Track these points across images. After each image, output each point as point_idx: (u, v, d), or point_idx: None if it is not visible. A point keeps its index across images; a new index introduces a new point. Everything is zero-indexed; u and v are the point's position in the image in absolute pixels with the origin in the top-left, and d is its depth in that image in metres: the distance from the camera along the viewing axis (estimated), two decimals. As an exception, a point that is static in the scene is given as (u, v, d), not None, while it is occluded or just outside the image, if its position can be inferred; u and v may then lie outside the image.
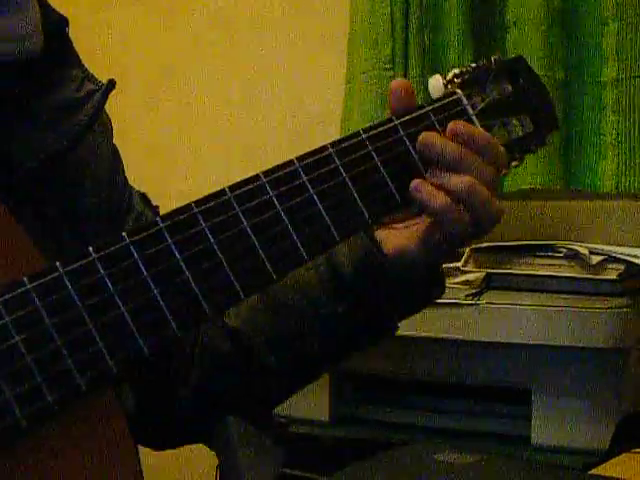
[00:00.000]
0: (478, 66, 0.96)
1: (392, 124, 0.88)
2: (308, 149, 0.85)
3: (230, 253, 0.76)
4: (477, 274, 1.54)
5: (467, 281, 1.53)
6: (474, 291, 1.52)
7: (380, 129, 0.87)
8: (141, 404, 0.93)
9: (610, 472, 1.32)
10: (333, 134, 1.86)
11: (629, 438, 1.46)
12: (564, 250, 1.54)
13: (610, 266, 1.50)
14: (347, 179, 0.83)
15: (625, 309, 1.46)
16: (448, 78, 0.95)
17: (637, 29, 1.64)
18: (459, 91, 0.93)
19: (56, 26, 0.92)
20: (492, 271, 1.54)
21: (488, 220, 0.89)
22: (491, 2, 1.77)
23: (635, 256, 1.51)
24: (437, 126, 0.90)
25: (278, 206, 0.79)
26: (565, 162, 1.70)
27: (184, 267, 0.74)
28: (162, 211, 0.84)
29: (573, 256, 1.52)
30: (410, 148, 0.88)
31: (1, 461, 0.68)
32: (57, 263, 0.71)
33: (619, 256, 1.51)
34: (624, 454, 1.42)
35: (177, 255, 0.74)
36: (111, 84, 0.93)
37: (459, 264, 1.56)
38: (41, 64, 0.88)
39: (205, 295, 0.75)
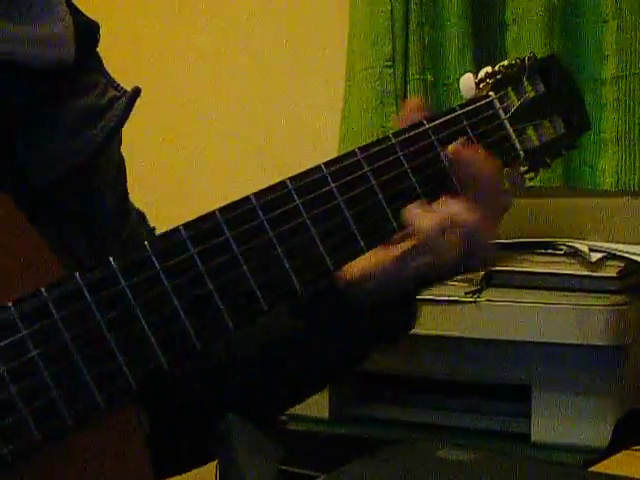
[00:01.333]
0: (511, 65, 0.92)
1: (423, 128, 0.84)
2: (308, 146, 0.84)
3: (254, 264, 0.73)
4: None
5: (467, 278, 1.53)
6: (474, 288, 1.52)
7: (411, 133, 0.83)
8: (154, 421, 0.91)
9: (610, 469, 1.32)
10: (334, 131, 1.86)
11: (629, 435, 1.46)
12: (564, 247, 1.54)
13: (610, 263, 1.50)
14: (376, 186, 0.80)
15: (625, 306, 1.46)
16: (480, 77, 0.91)
17: (636, 27, 1.64)
18: (492, 94, 0.89)
19: (85, 30, 0.89)
20: (492, 268, 1.54)
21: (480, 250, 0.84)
22: (491, -1, 1.78)
23: (635, 253, 1.51)
24: (469, 131, 0.87)
25: (305, 215, 0.76)
26: (565, 159, 1.70)
27: (207, 279, 0.71)
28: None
29: (573, 253, 1.52)
30: (441, 154, 0.84)
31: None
32: (76, 273, 0.68)
33: (619, 253, 1.51)
34: (624, 451, 1.42)
35: (200, 266, 0.71)
36: (136, 92, 0.88)
37: (459, 261, 1.56)
38: (68, 70, 0.86)
39: (228, 308, 0.72)
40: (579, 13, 1.71)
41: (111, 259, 0.69)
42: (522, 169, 0.93)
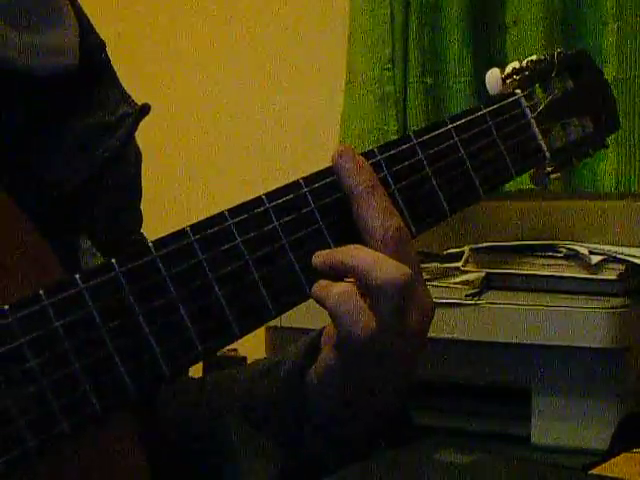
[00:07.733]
0: (540, 60, 0.89)
1: (445, 128, 0.81)
2: (309, 149, 0.83)
3: (265, 271, 0.71)
4: (477, 274, 1.54)
5: (467, 281, 1.53)
6: (474, 291, 1.52)
7: (432, 134, 0.80)
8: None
9: (610, 472, 1.32)
10: (333, 134, 1.86)
11: (629, 438, 1.46)
12: (564, 250, 1.54)
13: (610, 266, 1.50)
14: (395, 191, 0.77)
15: (625, 309, 1.45)
16: (507, 72, 0.88)
17: (636, 29, 1.64)
18: (518, 91, 0.86)
19: (94, 49, 0.89)
20: (492, 271, 1.54)
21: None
22: (491, 2, 1.77)
23: (635, 256, 1.51)
24: (494, 130, 0.83)
25: (320, 221, 0.74)
26: (565, 162, 1.70)
27: (215, 285, 0.69)
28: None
29: (573, 256, 1.52)
30: (464, 155, 0.81)
31: None
32: (77, 276, 0.64)
33: (619, 256, 1.51)
34: (624, 454, 1.42)
35: (209, 273, 0.69)
36: (145, 109, 0.89)
37: (459, 264, 1.56)
38: (76, 86, 0.86)
39: (235, 316, 0.69)
40: (579, 15, 1.71)
41: (114, 261, 0.66)
42: (548, 169, 0.90)
